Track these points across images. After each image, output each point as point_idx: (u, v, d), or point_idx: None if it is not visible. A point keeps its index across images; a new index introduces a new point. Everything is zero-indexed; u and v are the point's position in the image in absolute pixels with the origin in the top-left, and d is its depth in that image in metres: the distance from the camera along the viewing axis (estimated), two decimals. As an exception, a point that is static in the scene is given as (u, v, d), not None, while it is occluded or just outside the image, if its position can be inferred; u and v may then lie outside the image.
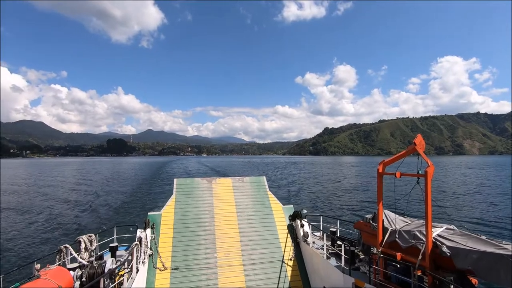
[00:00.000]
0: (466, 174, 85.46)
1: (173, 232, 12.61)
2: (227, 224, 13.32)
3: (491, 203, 36.38)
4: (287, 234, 13.41)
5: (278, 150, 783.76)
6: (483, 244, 6.72)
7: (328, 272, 10.48)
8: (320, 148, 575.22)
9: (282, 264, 12.31)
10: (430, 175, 7.38)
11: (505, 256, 6.13)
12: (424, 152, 8.02)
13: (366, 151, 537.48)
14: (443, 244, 7.16)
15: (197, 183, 15.06)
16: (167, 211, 13.34)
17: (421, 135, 8.31)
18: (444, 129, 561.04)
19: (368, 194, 44.71)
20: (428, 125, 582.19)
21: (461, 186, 54.14)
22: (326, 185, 58.00)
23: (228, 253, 12.26)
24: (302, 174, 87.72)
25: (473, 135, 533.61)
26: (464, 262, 6.70)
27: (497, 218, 28.06)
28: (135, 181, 67.18)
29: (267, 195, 15.09)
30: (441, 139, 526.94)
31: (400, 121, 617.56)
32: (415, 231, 7.91)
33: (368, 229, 9.36)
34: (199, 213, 13.58)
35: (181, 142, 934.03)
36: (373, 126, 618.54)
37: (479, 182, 62.43)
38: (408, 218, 9.30)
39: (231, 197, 14.64)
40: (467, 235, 7.32)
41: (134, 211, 32.85)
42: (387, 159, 8.79)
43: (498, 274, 6.22)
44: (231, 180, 15.68)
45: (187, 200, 14.07)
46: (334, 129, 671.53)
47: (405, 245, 7.93)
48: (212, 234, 12.82)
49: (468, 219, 27.62)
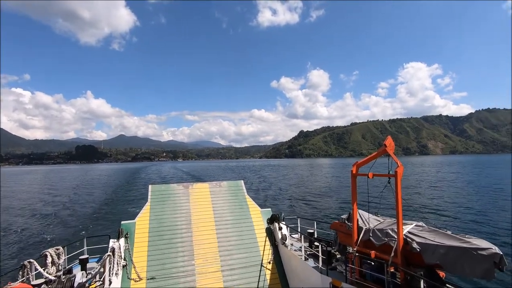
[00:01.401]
0: (431, 173, 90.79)
1: (148, 240, 12.17)
2: (205, 230, 13.09)
3: (455, 200, 38.89)
4: (265, 238, 13.42)
5: (255, 153, 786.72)
6: (449, 239, 7.15)
7: (306, 273, 10.61)
8: (295, 151, 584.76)
9: (261, 267, 12.29)
10: (399, 175, 7.75)
11: (468, 249, 6.58)
12: (394, 153, 8.42)
13: (340, 153, 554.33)
14: (413, 240, 7.51)
15: (173, 189, 14.68)
16: (141, 219, 12.86)
17: (391, 137, 8.73)
18: (411, 131, 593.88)
19: (343, 194, 46.02)
20: (396, 127, 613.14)
21: (427, 185, 57.38)
22: (303, 187, 58.95)
23: (206, 259, 12.04)
24: (279, 177, 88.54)
25: (436, 136, 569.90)
26: (432, 257, 7.08)
27: (461, 214, 30.04)
28: (107, 189, 64.14)
29: (245, 199, 15.04)
30: (408, 140, 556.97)
31: (371, 124, 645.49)
32: (387, 229, 8.23)
33: (343, 229, 9.62)
34: (176, 220, 13.23)
35: (156, 147, 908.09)
36: (346, 129, 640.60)
37: (443, 180, 66.58)
38: (381, 217, 9.69)
39: (209, 203, 14.42)
40: (434, 231, 7.76)
41: (106, 221, 31.31)
42: (360, 161, 9.09)
43: (463, 267, 6.65)
44: (208, 185, 15.46)
45: (162, 207, 13.66)
46: (309, 132, 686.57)
47: (378, 243, 8.23)
48: (190, 241, 12.53)
49: (435, 216, 29.32)
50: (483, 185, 54.39)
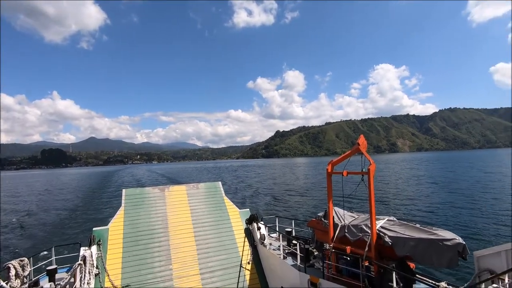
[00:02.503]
0: (400, 169, 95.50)
1: (122, 246, 11.73)
2: (183, 233, 12.85)
3: (422, 194, 41.20)
4: (244, 238, 13.44)
5: (232, 154, 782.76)
6: (418, 231, 7.58)
7: (285, 271, 10.75)
8: (272, 151, 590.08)
9: (240, 268, 12.28)
10: (372, 172, 8.08)
11: (435, 240, 7.01)
12: (366, 151, 8.75)
13: (315, 152, 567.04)
14: (385, 234, 7.88)
15: (148, 193, 14.26)
16: (115, 225, 12.36)
17: (363, 136, 9.09)
18: (381, 130, 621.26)
19: (319, 193, 47.13)
20: (367, 126, 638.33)
21: (397, 181, 60.29)
22: (280, 187, 59.62)
23: (184, 263, 11.83)
24: (256, 178, 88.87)
25: (404, 135, 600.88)
26: (403, 250, 7.47)
27: (428, 207, 31.87)
28: (77, 195, 60.90)
29: (223, 201, 14.96)
30: (379, 139, 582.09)
31: (344, 123, 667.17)
32: (361, 224, 8.55)
33: (320, 227, 9.84)
34: (152, 224, 12.87)
35: (129, 150, 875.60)
36: (320, 129, 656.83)
37: (411, 176, 70.30)
38: (356, 213, 10.04)
39: (186, 205, 14.17)
40: (404, 224, 8.18)
41: (77, 228, 29.72)
42: (335, 159, 9.37)
43: (431, 257, 7.09)
44: (185, 187, 15.20)
45: (137, 211, 13.22)
46: (285, 132, 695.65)
47: (353, 238, 8.52)
48: (167, 245, 12.25)
49: (405, 210, 30.88)
50: (446, 180, 58.14)
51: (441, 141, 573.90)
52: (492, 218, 25.65)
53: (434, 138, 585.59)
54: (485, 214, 27.25)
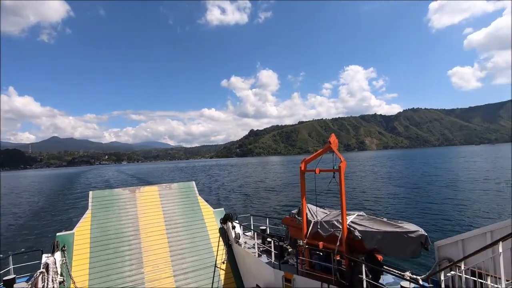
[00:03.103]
0: (368, 166, 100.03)
1: (90, 251, 11.14)
2: (155, 236, 12.48)
3: (388, 189, 43.46)
4: (219, 238, 13.35)
5: (206, 153, 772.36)
6: (385, 225, 8.00)
7: (259, 269, 10.84)
8: (246, 150, 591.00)
9: (215, 269, 12.19)
10: (343, 170, 8.38)
11: (400, 233, 7.46)
12: (337, 149, 9.05)
13: (288, 151, 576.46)
14: (355, 229, 8.23)
15: (117, 194, 13.65)
16: (81, 229, 11.71)
17: (334, 135, 9.40)
18: (351, 129, 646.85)
19: (294, 190, 48.00)
20: (338, 125, 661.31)
21: (366, 177, 63.06)
22: (255, 185, 59.87)
23: (156, 265, 11.51)
24: (230, 177, 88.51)
25: (372, 133, 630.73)
26: (372, 243, 7.86)
27: (395, 202, 33.70)
28: (38, 199, 56.77)
29: (197, 201, 14.72)
30: (348, 138, 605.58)
31: (316, 123, 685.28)
32: (333, 220, 8.85)
33: (294, 224, 10.03)
34: (122, 227, 12.36)
35: (96, 149, 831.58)
36: (293, 127, 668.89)
37: (378, 173, 73.91)
38: (328, 209, 10.36)
39: (158, 206, 13.77)
40: (373, 219, 8.60)
41: (38, 234, 27.72)
42: (308, 158, 9.59)
43: (396, 249, 7.53)
44: (157, 187, 14.75)
45: (106, 214, 12.62)
46: (259, 131, 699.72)
47: (325, 234, 8.79)
48: (138, 248, 11.83)
49: (374, 204, 32.39)
50: (409, 176, 61.85)
51: (405, 139, 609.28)
52: (451, 210, 27.71)
53: (399, 137, 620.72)
54: (444, 206, 29.37)
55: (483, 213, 25.88)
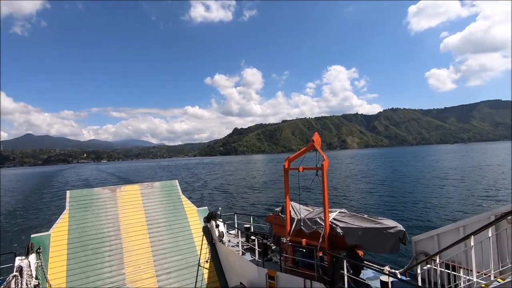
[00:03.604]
0: (349, 164, 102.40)
1: (67, 253, 10.74)
2: (136, 235, 12.21)
3: (370, 186, 44.70)
4: (202, 237, 13.25)
5: (189, 152, 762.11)
6: (366, 221, 8.24)
7: (243, 267, 10.86)
8: (230, 148, 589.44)
9: (198, 268, 12.09)
10: (325, 168, 8.54)
11: (380, 229, 7.70)
12: (320, 148, 9.22)
13: (272, 149, 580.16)
14: (337, 226, 8.42)
15: (96, 194, 13.23)
16: (58, 230, 11.26)
17: (317, 133, 9.55)
18: (333, 128, 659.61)
19: (277, 188, 48.34)
20: (321, 124, 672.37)
21: (348, 175, 64.53)
22: (239, 184, 59.81)
23: (138, 266, 11.27)
24: (214, 175, 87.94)
25: (353, 132, 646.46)
26: (353, 239, 8.07)
27: (375, 198, 34.71)
28: (10, 199, 54.02)
29: (180, 199, 14.52)
30: (331, 136, 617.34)
31: (299, 121, 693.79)
32: (316, 217, 9.01)
33: (278, 221, 10.13)
34: (101, 227, 11.99)
35: (74, 147, 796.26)
36: (277, 126, 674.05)
37: (360, 171, 75.82)
38: (311, 207, 10.53)
39: (140, 205, 13.47)
40: (354, 215, 8.83)
41: (11, 237, 26.41)
42: (291, 156, 9.69)
43: (376, 244, 7.78)
44: (139, 186, 14.42)
45: (85, 214, 12.21)
46: (243, 130, 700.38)
47: (308, 231, 8.93)
48: (119, 248, 11.53)
49: (355, 201, 33.21)
50: (389, 173, 63.89)
51: (384, 138, 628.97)
52: (427, 205, 28.88)
53: (379, 136, 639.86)
54: (421, 202, 30.57)
55: (457, 209, 27.16)
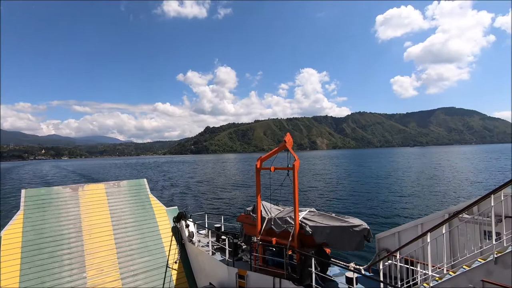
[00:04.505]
0: (319, 165, 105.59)
1: (21, 257, 9.94)
2: (100, 237, 11.60)
3: (338, 186, 46.41)
4: (171, 237, 12.94)
5: (159, 150, 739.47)
6: (333, 220, 8.56)
7: (213, 267, 10.78)
8: (201, 147, 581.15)
9: (166, 269, 11.79)
10: (296, 168, 8.74)
11: (346, 227, 8.05)
12: (291, 148, 9.42)
13: (244, 149, 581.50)
14: (306, 225, 8.66)
15: (56, 193, 12.37)
16: (11, 232, 10.38)
17: (289, 134, 9.75)
18: (304, 129, 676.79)
19: (249, 187, 48.48)
20: (292, 125, 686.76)
21: (317, 175, 66.47)
22: (210, 183, 59.12)
23: (101, 269, 10.73)
24: (185, 174, 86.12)
25: (322, 134, 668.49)
26: (321, 237, 8.35)
27: (343, 198, 36.08)
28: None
29: (148, 199, 14.04)
30: (301, 137, 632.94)
31: (271, 122, 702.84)
32: (286, 217, 9.19)
33: (249, 221, 10.18)
34: (61, 228, 11.24)
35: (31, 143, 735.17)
36: (249, 126, 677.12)
37: (329, 171, 78.48)
38: (281, 206, 10.72)
39: (105, 205, 12.81)
40: (323, 214, 9.13)
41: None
42: (263, 156, 9.79)
43: (342, 242, 8.12)
44: (104, 185, 13.70)
45: (42, 214, 11.36)
46: (215, 128, 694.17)
47: (278, 230, 9.10)
48: (80, 250, 10.88)
49: (324, 201, 34.30)
50: (355, 174, 66.87)
51: (352, 140, 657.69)
52: (390, 205, 30.63)
53: (347, 138, 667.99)
54: (385, 202, 32.35)
55: (416, 207, 29.12)
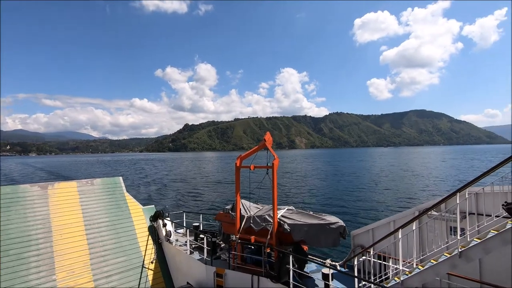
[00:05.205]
0: (297, 164, 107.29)
1: None
2: (71, 237, 11.09)
3: (316, 184, 47.41)
4: (148, 237, 12.63)
5: (135, 147, 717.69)
6: (311, 218, 8.74)
7: (191, 266, 10.66)
8: (180, 144, 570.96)
9: (142, 269, 11.51)
10: (276, 166, 8.83)
11: (323, 225, 8.25)
12: (271, 147, 9.51)
13: (223, 147, 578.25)
14: (285, 222, 8.78)
15: (23, 191, 11.66)
16: None
17: (269, 133, 9.82)
18: (283, 128, 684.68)
19: (228, 186, 48.30)
20: (271, 124, 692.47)
21: (296, 173, 67.50)
22: (188, 181, 58.28)
23: (72, 271, 10.27)
24: (162, 172, 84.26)
25: (301, 133, 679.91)
26: (299, 235, 8.50)
27: (320, 196, 36.93)
28: None
29: (123, 198, 13.59)
30: (280, 136, 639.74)
31: (251, 120, 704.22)
32: (265, 215, 9.27)
33: (227, 219, 10.16)
34: (28, 229, 10.63)
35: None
36: (229, 124, 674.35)
37: (307, 170, 79.94)
38: (260, 204, 10.79)
39: (77, 204, 12.25)
40: (301, 212, 9.29)
41: None
42: (243, 154, 9.80)
43: (319, 239, 8.32)
44: (76, 183, 13.09)
45: (7, 214, 10.68)
46: (194, 126, 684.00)
47: (257, 228, 9.15)
48: (49, 252, 10.35)
49: (302, 199, 34.92)
50: (331, 173, 68.65)
51: (329, 140, 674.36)
52: (365, 203, 31.76)
53: (324, 137, 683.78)
54: (361, 200, 33.49)
55: (389, 205, 30.40)
